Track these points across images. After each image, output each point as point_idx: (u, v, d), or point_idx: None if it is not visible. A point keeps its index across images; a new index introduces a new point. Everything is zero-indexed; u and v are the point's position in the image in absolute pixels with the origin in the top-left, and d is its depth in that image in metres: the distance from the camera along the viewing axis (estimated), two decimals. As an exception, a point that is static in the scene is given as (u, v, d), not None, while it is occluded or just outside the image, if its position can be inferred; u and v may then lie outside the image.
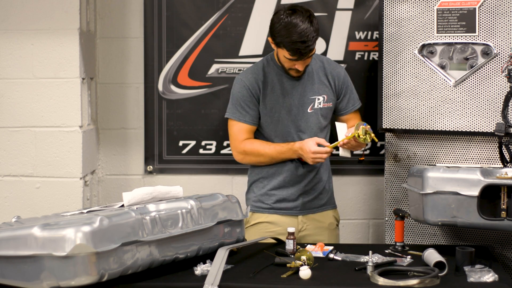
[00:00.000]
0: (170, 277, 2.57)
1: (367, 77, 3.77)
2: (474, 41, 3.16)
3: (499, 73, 3.12)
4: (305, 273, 2.56)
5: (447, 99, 3.23)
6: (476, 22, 3.14)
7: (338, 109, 3.38)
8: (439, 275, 2.55)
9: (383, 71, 3.34)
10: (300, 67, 3.19)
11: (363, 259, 2.77)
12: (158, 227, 2.56)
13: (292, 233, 2.89)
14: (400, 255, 2.87)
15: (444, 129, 3.24)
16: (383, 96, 3.34)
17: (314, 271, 2.60)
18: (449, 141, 3.27)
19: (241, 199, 3.11)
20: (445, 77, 3.22)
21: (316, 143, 3.12)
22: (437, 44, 3.23)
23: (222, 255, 2.63)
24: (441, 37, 3.22)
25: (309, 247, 2.90)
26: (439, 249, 2.78)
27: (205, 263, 2.65)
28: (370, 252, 2.67)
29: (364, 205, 3.89)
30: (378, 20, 3.39)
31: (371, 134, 3.06)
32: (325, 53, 3.76)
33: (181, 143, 3.88)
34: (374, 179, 3.84)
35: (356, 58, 3.79)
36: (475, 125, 3.18)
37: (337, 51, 3.78)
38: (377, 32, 3.58)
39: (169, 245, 2.58)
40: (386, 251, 2.93)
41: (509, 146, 3.06)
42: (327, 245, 2.95)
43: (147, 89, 3.86)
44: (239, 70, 3.76)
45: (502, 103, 3.11)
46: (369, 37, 3.78)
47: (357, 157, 3.37)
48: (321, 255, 2.85)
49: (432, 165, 3.25)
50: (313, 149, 3.11)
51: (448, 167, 2.94)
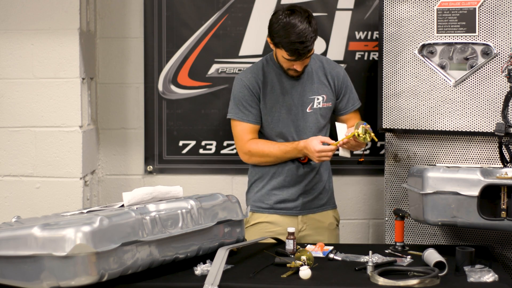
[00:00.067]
0: (170, 277, 2.57)
1: (367, 77, 3.77)
2: (474, 41, 3.16)
3: (499, 73, 3.12)
4: (305, 273, 2.56)
5: (447, 99, 3.23)
6: (476, 22, 3.14)
7: (337, 109, 3.38)
8: (439, 275, 2.55)
9: (383, 71, 3.34)
10: (298, 68, 3.19)
11: (363, 259, 2.77)
12: (158, 227, 2.56)
13: (292, 233, 2.89)
14: (400, 255, 2.87)
15: (444, 129, 3.24)
16: (383, 96, 3.34)
17: (314, 271, 2.60)
18: (449, 141, 3.27)
19: (241, 199, 3.10)
20: (445, 77, 3.22)
21: (320, 142, 3.12)
22: (437, 44, 3.23)
23: (222, 255, 2.63)
24: (441, 37, 3.22)
25: (309, 247, 2.90)
26: (439, 249, 2.78)
27: (205, 263, 2.64)
28: (370, 252, 2.66)
29: (364, 205, 3.89)
30: (378, 20, 3.38)
31: (371, 133, 3.06)
32: (325, 53, 3.76)
33: (181, 143, 3.87)
34: (374, 179, 3.84)
35: (356, 58, 3.79)
36: (475, 125, 3.18)
37: (337, 51, 3.78)
38: (377, 32, 3.57)
39: (169, 245, 2.58)
40: (386, 251, 2.93)
41: (509, 146, 3.06)
42: (327, 245, 2.95)
43: (147, 89, 3.86)
44: (239, 70, 3.76)
45: (502, 103, 3.11)
46: (369, 37, 3.78)
47: (357, 157, 3.37)
48: (321, 255, 2.85)
49: (432, 165, 3.25)
50: (318, 148, 3.10)
51: (448, 167, 2.94)
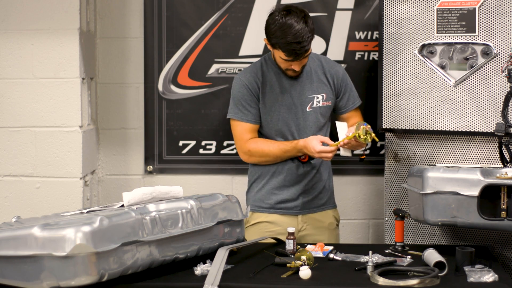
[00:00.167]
0: (170, 277, 2.57)
1: (367, 77, 3.77)
2: (474, 41, 3.16)
3: (499, 73, 3.12)
4: (305, 273, 2.56)
5: (447, 99, 3.23)
6: (476, 22, 3.14)
7: (338, 108, 3.38)
8: (439, 275, 2.55)
9: (383, 71, 3.33)
10: (296, 68, 3.19)
11: (363, 259, 2.77)
12: (158, 227, 2.56)
13: (292, 233, 2.89)
14: (400, 255, 2.87)
15: (444, 129, 3.24)
16: (383, 96, 3.34)
17: (314, 271, 2.60)
18: (449, 141, 3.27)
19: (241, 199, 3.10)
20: (445, 77, 3.22)
21: (320, 142, 3.12)
22: (437, 44, 3.23)
23: (222, 255, 2.63)
24: (441, 37, 3.22)
25: (309, 247, 2.90)
26: (439, 249, 2.78)
27: (205, 263, 2.64)
28: (370, 252, 2.66)
29: (364, 205, 3.89)
30: (378, 20, 3.38)
31: (372, 134, 3.06)
32: (325, 53, 3.76)
33: (181, 143, 3.87)
34: (374, 179, 3.84)
35: (356, 58, 3.79)
36: (475, 125, 3.18)
37: (337, 51, 3.78)
38: (377, 32, 3.57)
39: (169, 245, 2.58)
40: (386, 251, 2.93)
41: (509, 146, 3.06)
42: (327, 245, 2.95)
43: (147, 89, 3.86)
44: (239, 70, 3.76)
45: (502, 103, 3.11)
46: (369, 37, 3.78)
47: (358, 156, 3.37)
48: (321, 255, 2.85)
49: (432, 165, 3.25)
50: (318, 148, 3.10)
51: (448, 167, 2.94)
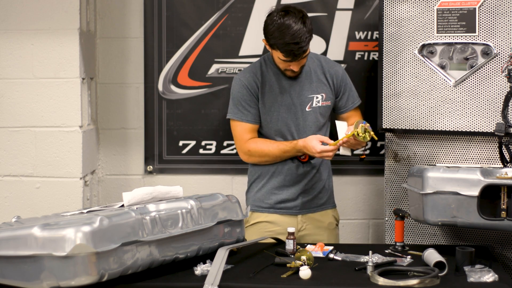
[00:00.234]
0: (170, 277, 2.57)
1: (367, 77, 3.77)
2: (474, 41, 3.16)
3: (499, 73, 3.12)
4: (305, 273, 2.56)
5: (447, 99, 3.23)
6: (476, 22, 3.14)
7: (338, 107, 3.38)
8: (439, 275, 2.55)
9: (383, 71, 3.33)
10: (295, 68, 3.19)
11: (363, 259, 2.77)
12: (158, 227, 2.56)
13: (292, 233, 2.89)
14: (400, 255, 2.87)
15: (444, 129, 3.24)
16: (383, 96, 3.34)
17: (314, 271, 2.60)
18: (449, 141, 3.27)
19: (241, 199, 3.10)
20: (445, 77, 3.22)
21: (319, 141, 3.12)
22: (437, 44, 3.23)
23: (222, 255, 2.63)
24: (441, 37, 3.22)
25: (309, 247, 2.90)
26: (439, 249, 2.78)
27: (205, 263, 2.64)
28: (370, 252, 2.66)
29: (364, 205, 3.89)
30: (378, 20, 3.38)
31: (370, 132, 3.06)
32: (325, 53, 3.76)
33: (181, 143, 3.87)
34: (374, 179, 3.84)
35: (356, 58, 3.79)
36: (475, 125, 3.18)
37: (337, 51, 3.78)
38: (377, 32, 3.57)
39: (169, 245, 2.58)
40: (386, 251, 2.93)
41: (509, 146, 3.06)
42: (327, 245, 2.95)
43: (147, 89, 3.86)
44: (239, 70, 3.76)
45: (502, 103, 3.11)
46: (369, 37, 3.78)
47: (358, 155, 3.37)
48: (321, 255, 2.85)
49: (432, 165, 3.25)
50: (318, 149, 3.10)
51: (448, 167, 2.94)
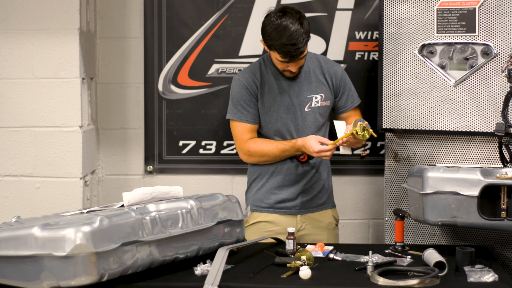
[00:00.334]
0: (170, 277, 2.57)
1: (367, 77, 3.77)
2: (474, 41, 3.16)
3: (499, 73, 3.12)
4: (305, 273, 2.56)
5: (447, 99, 3.23)
6: (476, 22, 3.14)
7: (337, 107, 3.38)
8: (439, 275, 2.55)
9: (383, 71, 3.33)
10: (293, 69, 3.19)
11: (363, 259, 2.76)
12: (158, 227, 2.56)
13: (292, 233, 2.89)
14: (400, 255, 2.86)
15: (444, 129, 3.24)
16: (383, 96, 3.34)
17: (314, 271, 2.60)
18: (449, 141, 3.27)
19: (241, 199, 3.10)
20: (445, 77, 3.22)
21: (318, 142, 3.12)
22: (437, 44, 3.23)
23: (222, 255, 2.63)
24: (441, 37, 3.22)
25: (309, 247, 2.90)
26: (439, 249, 2.78)
27: (205, 263, 2.64)
28: (370, 252, 2.66)
29: (364, 205, 3.89)
30: (378, 20, 3.38)
31: (369, 130, 3.05)
32: (325, 53, 3.76)
33: (181, 143, 3.87)
34: (374, 179, 3.84)
35: (356, 58, 3.79)
36: (475, 125, 3.18)
37: (337, 51, 3.78)
38: (377, 32, 3.57)
39: (169, 245, 2.58)
40: (386, 251, 2.93)
41: (509, 146, 3.06)
42: (327, 245, 2.95)
43: (147, 89, 3.86)
44: (239, 70, 3.76)
45: (502, 103, 3.11)
46: (369, 37, 3.78)
47: (358, 156, 3.37)
48: (321, 255, 2.85)
49: (432, 165, 3.25)
50: (316, 148, 3.10)
51: (448, 167, 2.94)
